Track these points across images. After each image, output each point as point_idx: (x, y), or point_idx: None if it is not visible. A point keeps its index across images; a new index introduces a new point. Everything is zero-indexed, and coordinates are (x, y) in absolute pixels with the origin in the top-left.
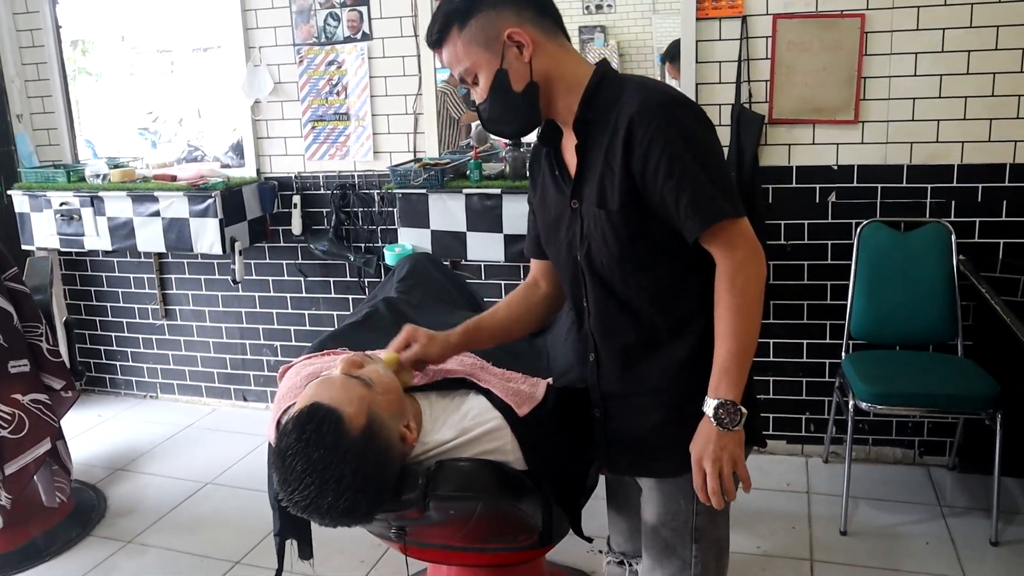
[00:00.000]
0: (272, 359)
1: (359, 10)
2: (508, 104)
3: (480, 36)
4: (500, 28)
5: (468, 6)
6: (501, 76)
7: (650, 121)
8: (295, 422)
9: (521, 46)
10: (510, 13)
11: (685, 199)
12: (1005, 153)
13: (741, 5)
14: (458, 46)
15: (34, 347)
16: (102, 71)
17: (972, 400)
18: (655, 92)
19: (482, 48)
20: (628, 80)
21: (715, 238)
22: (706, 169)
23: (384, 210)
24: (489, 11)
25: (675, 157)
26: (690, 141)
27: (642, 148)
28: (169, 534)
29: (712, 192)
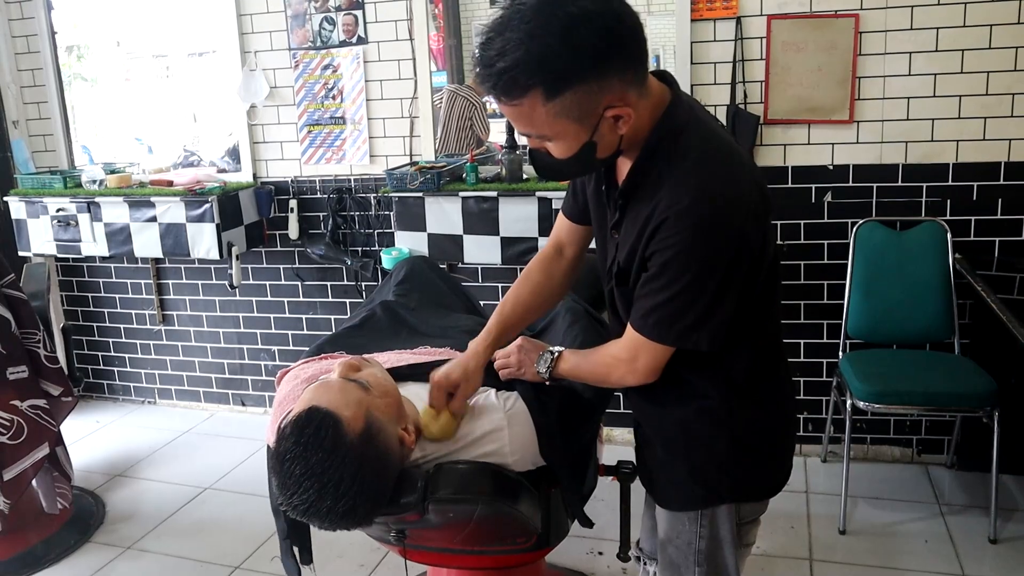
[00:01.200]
0: (270, 363)
1: (354, 14)
2: (584, 168)
3: (574, 110)
4: (601, 102)
5: (567, 76)
6: (587, 148)
7: (677, 228)
8: (293, 426)
9: (619, 118)
10: (616, 81)
11: (649, 302)
12: (1000, 151)
13: (735, 6)
14: (538, 112)
15: (32, 353)
16: (97, 76)
17: (969, 398)
18: (700, 190)
19: (573, 121)
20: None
21: (635, 341)
22: (691, 297)
23: (381, 214)
24: (592, 83)
25: (674, 271)
26: (696, 261)
27: (656, 247)
28: (168, 540)
29: (676, 318)
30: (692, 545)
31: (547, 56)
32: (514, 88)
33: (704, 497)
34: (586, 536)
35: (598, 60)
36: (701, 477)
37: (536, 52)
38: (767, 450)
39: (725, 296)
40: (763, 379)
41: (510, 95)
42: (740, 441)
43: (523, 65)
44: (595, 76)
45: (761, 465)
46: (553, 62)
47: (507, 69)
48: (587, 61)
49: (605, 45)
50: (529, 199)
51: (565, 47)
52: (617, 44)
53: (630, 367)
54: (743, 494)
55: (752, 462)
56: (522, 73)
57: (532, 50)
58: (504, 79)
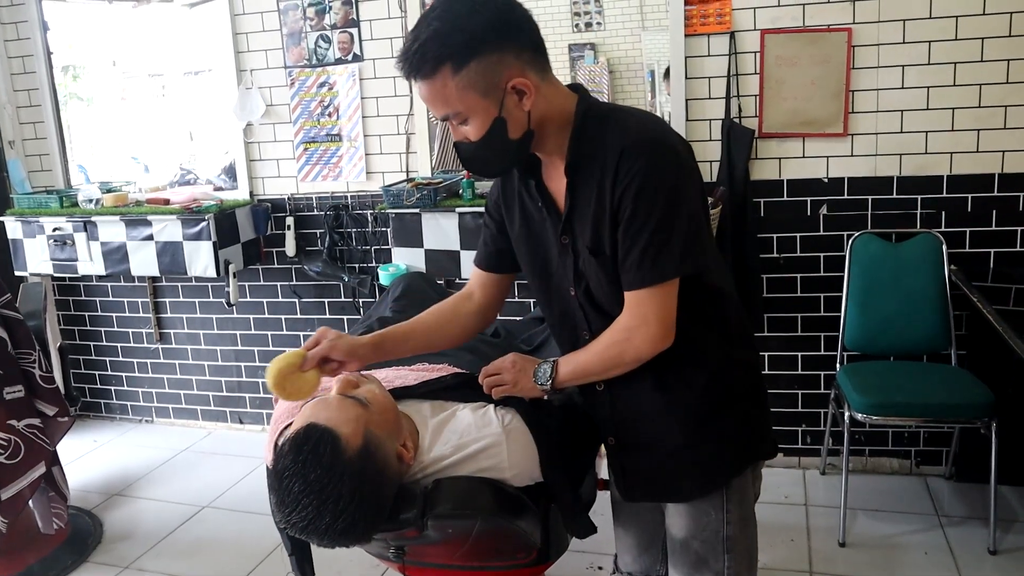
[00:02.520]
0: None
1: (350, 32)
2: (501, 151)
3: (479, 82)
4: (502, 75)
5: (468, 47)
6: (498, 125)
7: (635, 160)
8: (291, 443)
9: (522, 94)
10: (512, 57)
11: (637, 249)
12: (993, 163)
13: (729, 21)
14: (449, 88)
15: (27, 373)
16: (93, 96)
17: (967, 409)
18: (640, 130)
19: (479, 95)
20: (611, 113)
21: (639, 300)
22: (675, 222)
23: (377, 230)
24: (492, 55)
25: (645, 201)
26: (664, 187)
27: (622, 185)
28: (167, 559)
29: (671, 249)
30: (720, 534)
31: (452, 32)
32: (424, 63)
33: (734, 465)
34: (586, 551)
35: (497, 35)
36: (728, 444)
37: (443, 30)
38: (764, 398)
39: (699, 216)
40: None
41: (423, 71)
42: (746, 393)
43: (432, 42)
44: (494, 49)
45: (765, 412)
46: (457, 36)
47: (419, 48)
48: (487, 35)
49: (501, 23)
50: None
51: (467, 23)
52: (514, 24)
53: (645, 332)
54: (762, 449)
55: (759, 414)
56: (431, 49)
57: (440, 29)
58: (416, 57)
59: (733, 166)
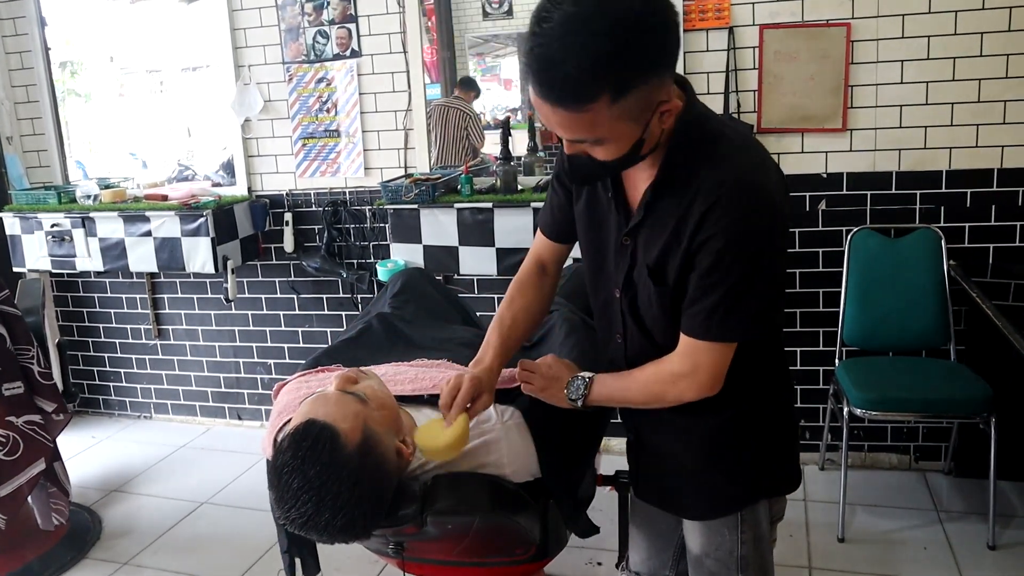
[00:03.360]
0: (266, 377)
1: (348, 27)
2: (623, 166)
3: (635, 110)
4: (655, 100)
5: (632, 75)
6: (638, 145)
7: (725, 213)
8: (291, 439)
9: (665, 113)
10: (668, 76)
11: (708, 301)
12: (992, 158)
13: (728, 16)
14: (600, 118)
15: (26, 369)
16: (91, 92)
17: (966, 404)
18: (740, 173)
19: (631, 122)
20: (713, 137)
21: (695, 350)
22: (755, 279)
23: (376, 226)
24: (653, 80)
25: (728, 259)
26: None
27: (706, 234)
28: (165, 555)
29: (744, 311)
30: (734, 553)
31: (615, 59)
32: (581, 96)
33: (744, 498)
34: (585, 547)
35: (661, 58)
36: (741, 478)
37: (604, 55)
38: (791, 437)
39: (778, 276)
40: (782, 366)
41: (576, 103)
42: (772, 432)
43: (591, 70)
44: (656, 74)
45: (789, 454)
46: (620, 65)
47: (572, 76)
48: (653, 60)
49: (664, 43)
50: (524, 209)
51: (631, 48)
52: (673, 41)
53: (692, 380)
54: (779, 487)
55: (783, 453)
56: (590, 79)
57: (600, 53)
58: (570, 87)
59: None
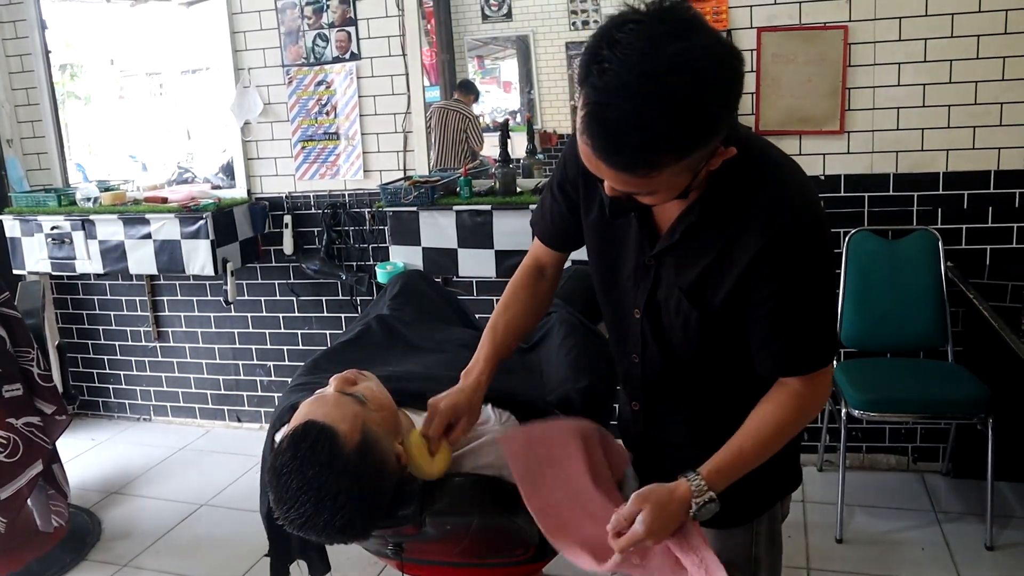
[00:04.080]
0: (265, 379)
1: (347, 30)
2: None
3: (694, 165)
4: (714, 152)
5: (705, 138)
6: (686, 190)
7: (791, 247)
8: (290, 440)
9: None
10: (728, 127)
11: (783, 340)
12: (989, 160)
13: (725, 19)
14: (663, 177)
15: (26, 372)
16: (91, 94)
17: (963, 405)
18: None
19: (688, 173)
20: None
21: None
22: (821, 316)
23: (375, 228)
24: (714, 139)
25: (795, 299)
26: (812, 279)
27: (762, 272)
28: (165, 557)
29: (818, 342)
30: (748, 554)
31: (685, 131)
32: (646, 164)
33: (759, 506)
34: None
35: (727, 114)
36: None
37: (681, 121)
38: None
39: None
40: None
41: (642, 169)
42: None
43: (665, 138)
44: (721, 132)
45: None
46: (695, 128)
47: (646, 145)
48: (721, 119)
49: (732, 102)
50: (523, 212)
51: (702, 117)
52: (737, 94)
53: (821, 395)
54: (784, 490)
55: (786, 461)
56: (663, 146)
57: (678, 120)
58: (636, 156)
59: None
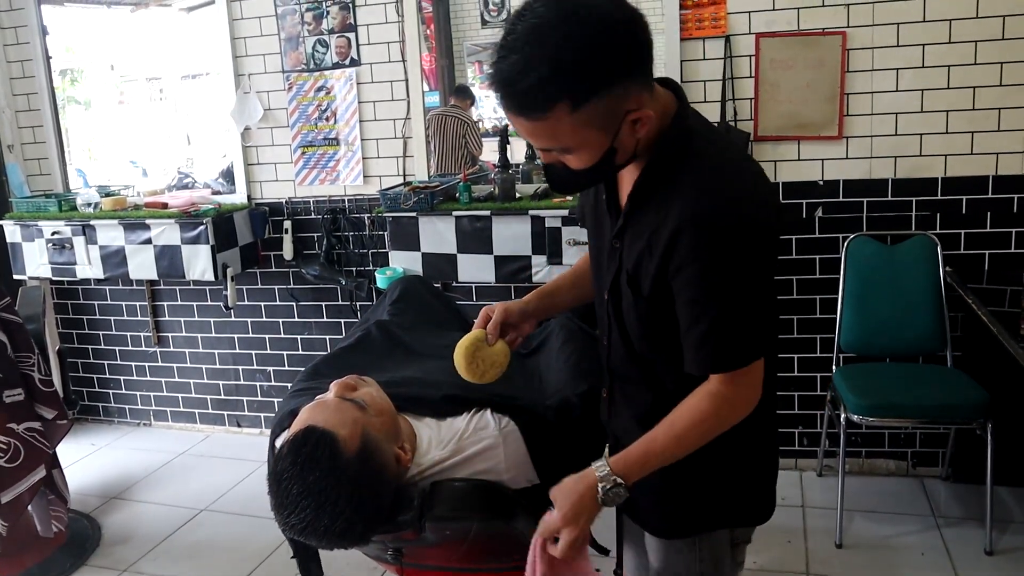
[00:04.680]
0: (265, 384)
1: (347, 36)
2: (600, 176)
3: (598, 119)
4: (623, 108)
5: (594, 85)
6: (608, 155)
7: (700, 237)
8: (290, 445)
9: (636, 122)
10: (637, 85)
11: (708, 337)
12: (987, 165)
13: (724, 25)
14: (562, 125)
15: (27, 377)
16: (91, 100)
17: (963, 410)
18: (713, 192)
19: (596, 129)
20: (698, 157)
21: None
22: (743, 308)
23: (375, 234)
24: (617, 89)
25: (712, 288)
26: (736, 273)
27: (680, 260)
28: (165, 562)
29: (740, 336)
30: (691, 572)
31: (574, 68)
32: (537, 105)
33: (701, 523)
34: None
35: (624, 67)
36: (699, 503)
37: (564, 65)
38: (760, 473)
39: (768, 298)
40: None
41: (533, 112)
42: (739, 460)
43: (549, 81)
44: (620, 83)
45: (755, 488)
46: (580, 73)
47: (533, 87)
48: (615, 69)
49: (628, 51)
50: (522, 218)
51: (593, 57)
52: (639, 48)
53: (745, 397)
54: (740, 518)
55: (748, 485)
56: (549, 89)
57: (560, 63)
58: (528, 96)
59: None
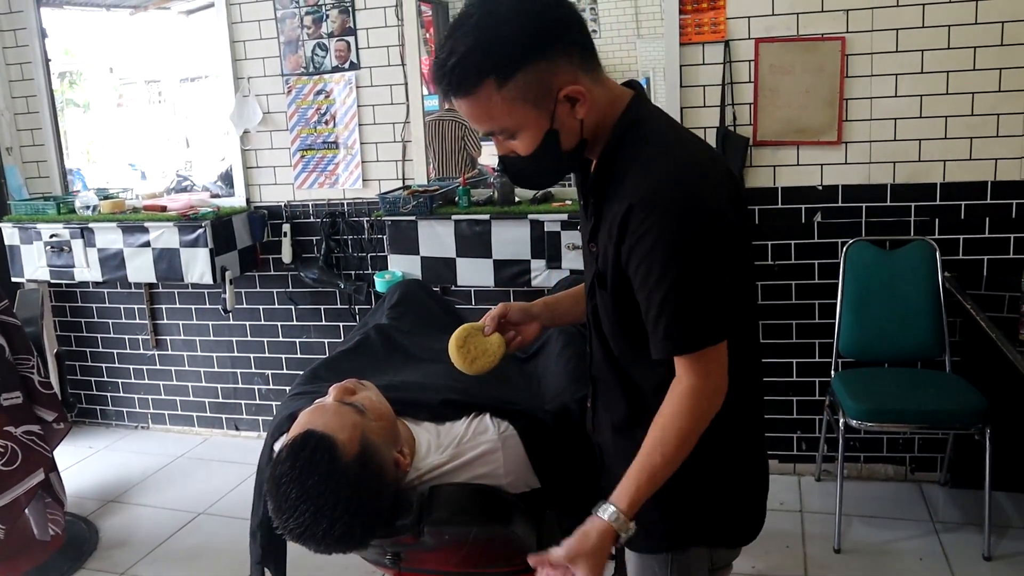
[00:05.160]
0: (263, 388)
1: (347, 40)
2: (553, 163)
3: (528, 94)
4: (554, 83)
5: (514, 57)
6: (550, 138)
7: (647, 215)
8: (289, 449)
9: (575, 102)
10: (564, 62)
11: (662, 315)
12: (986, 171)
13: (723, 30)
14: (494, 103)
15: (26, 379)
16: (90, 102)
17: (961, 415)
18: (662, 176)
19: (529, 106)
20: (647, 139)
21: (688, 360)
22: (696, 284)
23: (374, 237)
24: (540, 62)
25: (662, 264)
26: (686, 248)
27: (631, 241)
28: (162, 566)
29: (695, 314)
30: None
31: (494, 42)
32: (466, 80)
33: (674, 540)
34: None
35: (544, 40)
36: (672, 518)
37: (484, 41)
38: (739, 492)
39: (726, 279)
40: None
41: (464, 88)
42: (714, 481)
43: (472, 55)
44: (543, 55)
45: (734, 508)
46: (500, 47)
47: (458, 63)
48: (534, 41)
49: (549, 26)
50: (521, 222)
51: (510, 31)
52: (561, 25)
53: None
54: (716, 538)
55: (725, 504)
56: (472, 63)
57: (480, 39)
58: (456, 73)
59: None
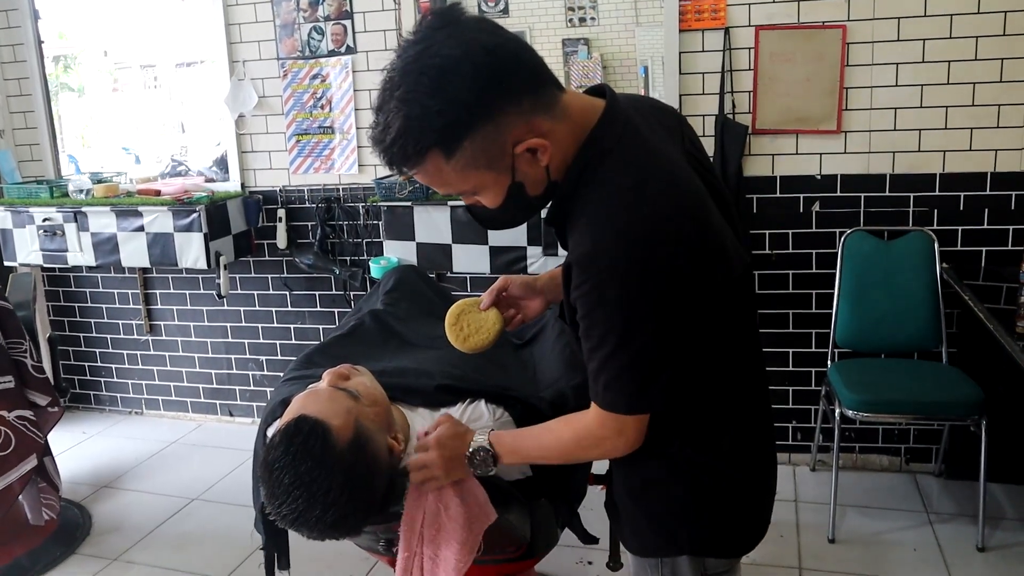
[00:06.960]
0: (258, 374)
1: (343, 24)
2: (523, 209)
3: (479, 159)
4: (507, 141)
5: (455, 127)
6: (515, 190)
7: (581, 273)
8: (282, 435)
9: (535, 151)
10: (513, 116)
11: (601, 373)
12: (986, 162)
13: (723, 17)
14: (445, 172)
15: (18, 363)
16: (84, 86)
17: (957, 407)
18: (615, 235)
19: (485, 170)
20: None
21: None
22: (632, 355)
23: (369, 223)
24: (486, 126)
25: (602, 330)
26: (615, 311)
27: (575, 295)
28: (155, 551)
29: (626, 383)
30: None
31: (426, 116)
32: (409, 157)
33: (661, 547)
34: (576, 546)
35: (480, 103)
36: (659, 526)
37: (415, 116)
38: (732, 505)
39: (668, 344)
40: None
41: (409, 163)
42: (702, 492)
43: (408, 133)
44: (488, 119)
45: (725, 520)
46: (435, 120)
47: (394, 141)
48: (470, 107)
49: (482, 85)
50: None
51: (441, 102)
52: (495, 80)
53: (618, 444)
54: (704, 548)
55: (715, 516)
56: (411, 140)
57: (411, 115)
58: (397, 152)
59: (726, 162)
